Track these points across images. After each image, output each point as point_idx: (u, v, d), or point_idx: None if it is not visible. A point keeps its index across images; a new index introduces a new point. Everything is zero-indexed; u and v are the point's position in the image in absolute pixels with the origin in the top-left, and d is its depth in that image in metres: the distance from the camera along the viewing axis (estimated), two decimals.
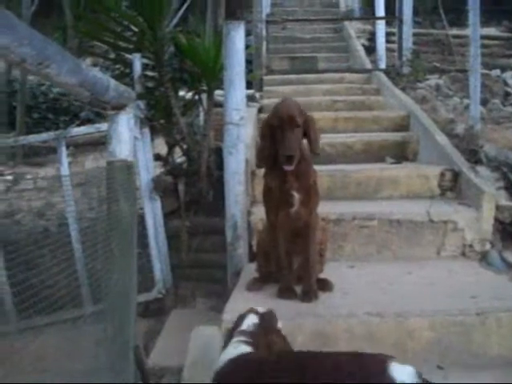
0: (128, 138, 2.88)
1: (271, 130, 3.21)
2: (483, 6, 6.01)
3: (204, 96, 4.76)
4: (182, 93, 4.97)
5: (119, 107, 2.82)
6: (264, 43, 8.61)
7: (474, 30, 5.81)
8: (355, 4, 12.17)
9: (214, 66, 4.47)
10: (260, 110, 6.57)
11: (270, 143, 3.23)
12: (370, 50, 9.72)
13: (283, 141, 3.13)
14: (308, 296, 3.26)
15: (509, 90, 8.30)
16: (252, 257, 4.04)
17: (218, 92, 4.64)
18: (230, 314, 3.07)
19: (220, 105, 4.15)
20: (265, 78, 8.04)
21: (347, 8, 12.46)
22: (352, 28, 10.66)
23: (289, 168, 3.16)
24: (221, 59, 4.24)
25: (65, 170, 4.43)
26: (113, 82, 2.62)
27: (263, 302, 3.19)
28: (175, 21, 4.80)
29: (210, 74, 4.52)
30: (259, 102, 6.90)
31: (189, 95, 4.94)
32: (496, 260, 4.11)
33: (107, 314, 2.76)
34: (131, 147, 2.95)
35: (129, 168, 2.88)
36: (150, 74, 4.81)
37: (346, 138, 5.54)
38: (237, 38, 4.01)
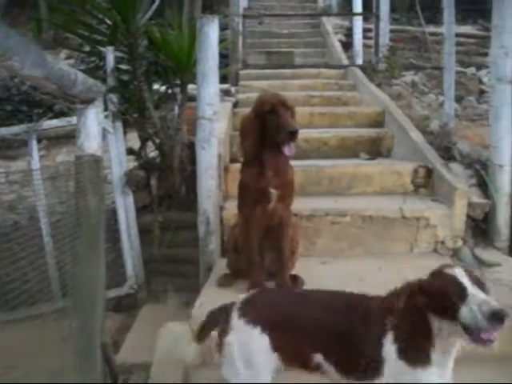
0: (97, 132, 2.84)
1: (260, 120, 3.19)
2: (459, 4, 6.05)
3: (178, 90, 4.72)
4: (156, 86, 4.92)
5: (88, 101, 2.79)
6: (240, 38, 8.58)
7: (449, 27, 5.84)
8: (332, 0, 12.18)
9: (187, 60, 4.43)
10: (235, 105, 6.54)
11: (258, 135, 3.21)
12: (347, 45, 9.74)
13: (281, 122, 3.13)
14: None
15: (484, 87, 8.35)
16: (224, 252, 4.02)
17: (192, 86, 4.60)
18: (199, 309, 3.06)
19: (194, 99, 4.12)
20: (241, 72, 8.00)
21: (325, 3, 12.45)
22: (329, 24, 10.66)
23: (290, 152, 3.15)
24: (195, 53, 4.20)
25: (35, 163, 4.37)
26: (81, 76, 2.58)
27: (234, 297, 3.17)
28: (150, 13, 4.73)
29: (184, 68, 4.48)
30: (235, 97, 6.86)
31: (162, 89, 4.90)
32: (467, 257, 4.12)
33: (73, 310, 2.72)
34: (100, 141, 2.91)
35: (97, 163, 2.85)
36: (123, 67, 4.76)
37: (321, 134, 5.52)
38: (211, 33, 3.98)
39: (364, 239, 4.18)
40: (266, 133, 3.21)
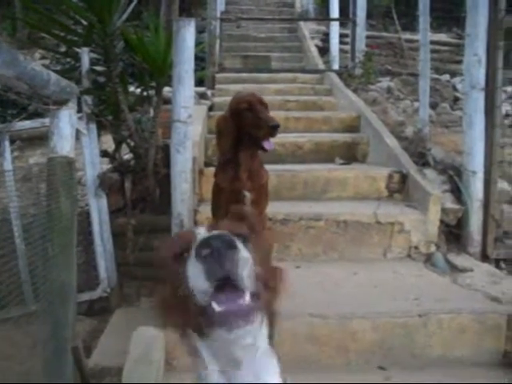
0: (70, 134, 2.81)
1: (237, 118, 3.17)
2: (435, 12, 6.10)
3: (153, 92, 4.70)
4: (131, 89, 4.89)
5: (61, 102, 2.76)
6: (218, 41, 8.58)
7: (424, 35, 5.89)
8: (310, 4, 12.23)
9: (163, 63, 4.40)
10: (211, 108, 6.53)
11: (235, 134, 3.19)
12: (324, 50, 9.79)
13: (261, 117, 3.11)
14: None
15: (458, 94, 8.45)
16: None
17: (167, 89, 4.58)
18: None
19: (170, 102, 4.09)
20: (217, 75, 8.00)
21: (302, 8, 12.50)
22: (307, 28, 10.71)
23: (270, 147, 3.14)
24: (171, 56, 4.18)
25: (8, 164, 4.31)
26: (54, 76, 2.55)
27: None
28: (127, 15, 4.70)
29: (159, 71, 4.46)
30: (211, 100, 6.86)
31: (138, 91, 4.87)
32: (440, 262, 4.16)
33: (43, 313, 2.69)
34: (73, 143, 2.88)
35: (70, 165, 2.82)
36: (99, 69, 4.73)
37: (296, 138, 5.53)
38: (187, 36, 3.96)
39: (338, 244, 4.20)
40: (242, 132, 3.19)
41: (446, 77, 9.43)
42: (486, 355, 3.14)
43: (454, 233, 4.51)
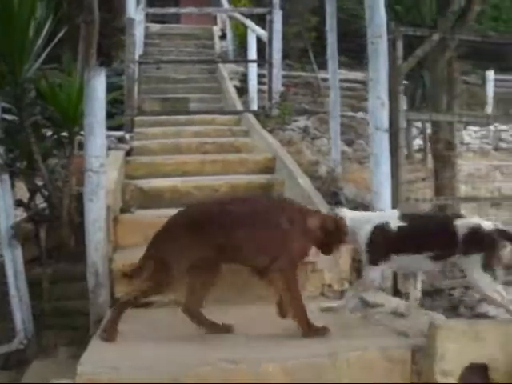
0: None
1: None
2: (350, 51, 6.34)
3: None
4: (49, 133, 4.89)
5: None
6: (136, 84, 8.62)
7: (333, 77, 6.12)
8: (229, 46, 12.47)
9: (75, 112, 4.44)
10: (129, 153, 6.56)
11: None
12: (243, 91, 9.98)
13: None
14: None
15: None
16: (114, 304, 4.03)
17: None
18: (85, 365, 3.04)
19: None
20: (136, 118, 8.01)
21: (222, 49, 12.73)
22: (226, 69, 10.91)
23: None
24: (82, 105, 4.22)
25: None
26: None
27: (121, 349, 3.21)
28: (38, 64, 4.72)
29: (71, 120, 4.49)
30: (129, 144, 6.88)
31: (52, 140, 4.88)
32: (353, 299, 4.25)
33: None
34: None
35: None
36: (11, 117, 4.71)
37: (212, 181, 5.60)
38: (98, 85, 4.02)
39: (254, 285, 4.22)
40: None
41: (361, 114, 9.75)
42: None
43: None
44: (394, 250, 3.59)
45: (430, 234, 3.59)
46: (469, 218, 3.62)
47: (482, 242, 3.42)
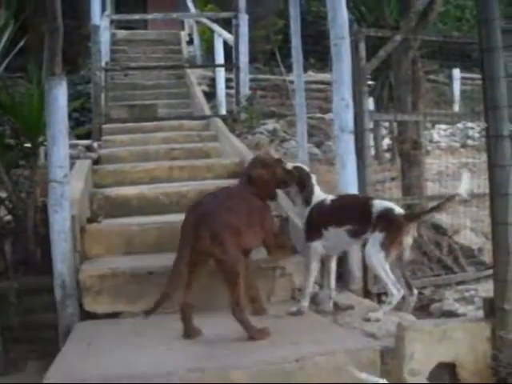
0: None
1: None
2: (317, 53, 6.34)
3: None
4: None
5: None
6: (103, 91, 8.58)
7: (299, 79, 6.13)
8: (197, 51, 12.47)
9: (37, 123, 4.40)
10: (97, 161, 6.51)
11: None
12: (211, 95, 9.97)
13: None
14: None
15: None
16: (83, 315, 3.98)
17: None
18: (52, 379, 3.00)
19: None
20: (104, 126, 7.97)
21: (189, 54, 12.72)
22: (194, 74, 10.89)
23: None
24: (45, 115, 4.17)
25: None
26: None
27: (86, 362, 3.18)
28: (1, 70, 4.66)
29: (34, 131, 4.44)
30: (97, 152, 6.83)
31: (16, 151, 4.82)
32: (324, 301, 4.25)
33: None
34: None
35: None
36: None
37: (180, 187, 5.55)
38: (59, 95, 3.99)
39: (220, 291, 4.19)
40: None
41: (330, 115, 9.76)
42: None
43: (336, 271, 4.63)
44: (324, 224, 3.93)
45: (350, 209, 3.99)
46: (385, 202, 4.03)
47: (388, 223, 3.76)
